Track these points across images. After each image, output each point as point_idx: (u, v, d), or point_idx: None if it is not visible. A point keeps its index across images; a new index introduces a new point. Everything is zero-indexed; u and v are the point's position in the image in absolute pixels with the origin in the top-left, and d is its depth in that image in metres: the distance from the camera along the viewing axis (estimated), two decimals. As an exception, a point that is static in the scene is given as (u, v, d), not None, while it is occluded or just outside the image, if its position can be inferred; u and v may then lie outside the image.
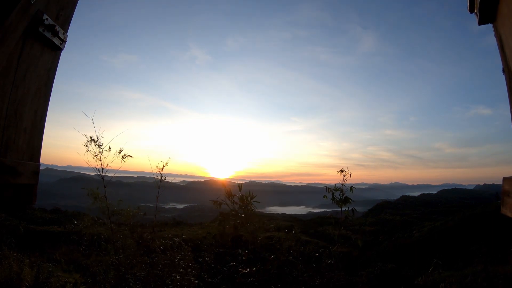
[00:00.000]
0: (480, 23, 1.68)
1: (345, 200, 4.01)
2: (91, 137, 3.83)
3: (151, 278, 3.57)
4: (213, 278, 3.88)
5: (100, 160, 3.95)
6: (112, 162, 3.95)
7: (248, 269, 3.33)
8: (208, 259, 4.33)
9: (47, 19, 1.65)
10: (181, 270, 3.67)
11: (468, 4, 1.80)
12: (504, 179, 1.43)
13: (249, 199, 3.72)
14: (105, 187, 4.04)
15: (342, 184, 4.05)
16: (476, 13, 1.71)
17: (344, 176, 4.05)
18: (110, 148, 3.88)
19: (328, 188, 4.02)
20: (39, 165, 1.81)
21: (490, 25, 1.68)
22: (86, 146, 3.84)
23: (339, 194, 4.02)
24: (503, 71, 1.55)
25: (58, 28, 1.73)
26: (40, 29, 1.63)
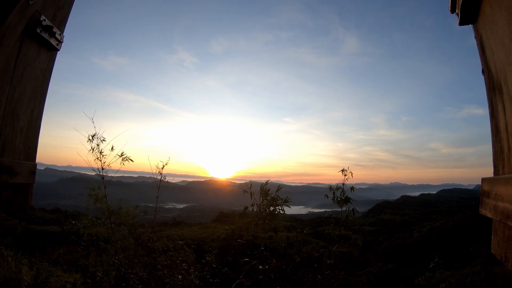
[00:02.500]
0: (461, 23, 1.67)
1: (346, 200, 4.02)
2: (93, 136, 3.83)
3: (152, 278, 3.57)
4: (215, 279, 3.88)
5: (100, 161, 3.96)
6: (113, 163, 3.96)
7: (261, 266, 3.33)
8: (210, 259, 4.32)
9: (44, 20, 1.65)
10: (182, 270, 3.67)
11: (450, 4, 1.80)
12: (483, 179, 1.40)
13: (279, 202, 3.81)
14: (105, 187, 4.04)
15: (343, 184, 4.07)
16: (457, 13, 1.70)
17: (345, 176, 4.06)
18: (112, 148, 3.88)
19: (331, 187, 4.04)
20: (35, 164, 1.81)
21: (471, 26, 1.68)
22: (91, 149, 3.86)
23: (340, 193, 4.04)
24: (483, 72, 1.56)
25: (55, 29, 1.73)
26: (38, 30, 1.63)
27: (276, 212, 3.85)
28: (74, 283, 4.15)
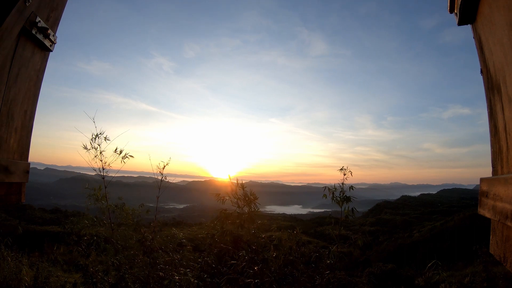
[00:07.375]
0: (460, 23, 1.67)
1: (346, 199, 4.00)
2: (97, 135, 3.84)
3: (151, 278, 3.57)
4: (213, 278, 3.87)
5: (101, 160, 3.96)
6: (113, 163, 3.96)
7: (251, 270, 3.32)
8: (208, 259, 4.31)
9: (40, 21, 1.66)
10: (181, 270, 3.67)
11: (449, 4, 1.81)
12: (482, 179, 1.39)
13: (252, 198, 3.75)
14: (105, 187, 4.04)
15: (342, 183, 4.05)
16: (455, 14, 1.70)
17: (345, 175, 4.04)
18: (117, 149, 3.89)
19: (328, 188, 4.01)
20: (29, 164, 1.85)
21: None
22: (92, 147, 3.86)
23: (339, 193, 4.01)
24: (481, 72, 1.55)
25: (49, 31, 1.74)
26: (33, 31, 1.64)
27: (253, 210, 3.84)
28: (74, 283, 4.16)
